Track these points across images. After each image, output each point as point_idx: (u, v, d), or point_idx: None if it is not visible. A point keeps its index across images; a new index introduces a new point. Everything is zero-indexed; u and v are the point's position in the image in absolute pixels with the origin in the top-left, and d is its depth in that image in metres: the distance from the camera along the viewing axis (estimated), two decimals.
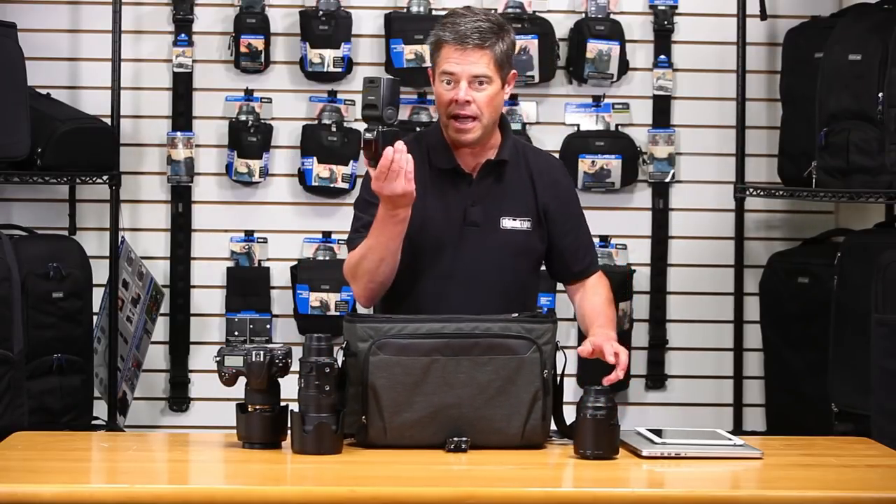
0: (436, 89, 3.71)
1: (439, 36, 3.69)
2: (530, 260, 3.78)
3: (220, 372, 3.35)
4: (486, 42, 3.66)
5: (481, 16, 3.71)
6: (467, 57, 3.65)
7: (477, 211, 3.72)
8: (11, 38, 4.94)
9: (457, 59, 3.65)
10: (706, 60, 5.51)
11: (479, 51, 3.66)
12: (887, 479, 3.20)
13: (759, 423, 5.42)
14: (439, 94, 3.70)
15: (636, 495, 3.06)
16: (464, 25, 3.67)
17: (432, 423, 3.31)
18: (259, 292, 5.41)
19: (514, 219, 3.75)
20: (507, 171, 3.76)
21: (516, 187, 3.77)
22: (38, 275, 4.78)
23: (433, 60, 3.72)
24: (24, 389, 4.53)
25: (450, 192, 3.73)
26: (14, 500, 2.92)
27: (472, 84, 3.66)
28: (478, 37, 3.65)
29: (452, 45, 3.66)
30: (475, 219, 3.71)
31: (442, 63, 3.68)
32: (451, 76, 3.66)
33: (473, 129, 3.68)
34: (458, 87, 3.66)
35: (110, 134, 5.20)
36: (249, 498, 2.99)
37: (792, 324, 5.13)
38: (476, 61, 3.66)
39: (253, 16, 5.38)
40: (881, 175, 4.69)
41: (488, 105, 3.68)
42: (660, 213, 5.53)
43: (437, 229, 3.69)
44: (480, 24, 3.68)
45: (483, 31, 3.67)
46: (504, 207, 3.74)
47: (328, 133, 5.36)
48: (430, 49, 3.75)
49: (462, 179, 3.74)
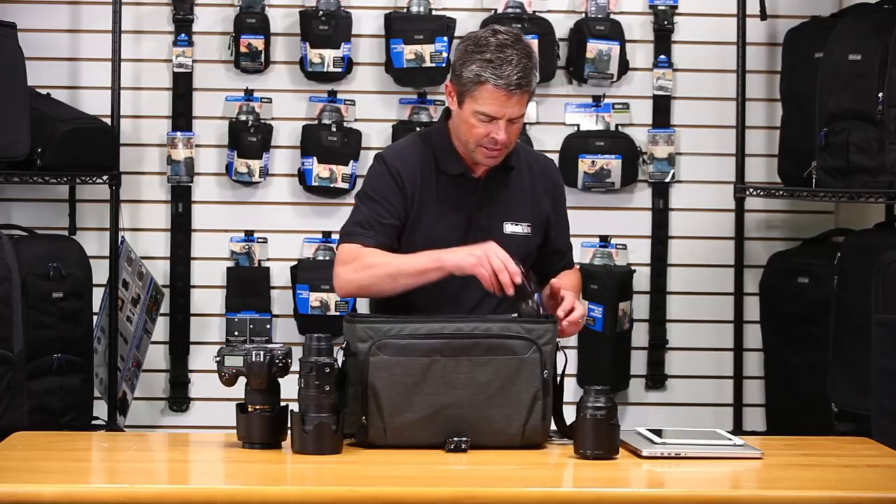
0: (465, 118, 3.61)
1: (483, 77, 3.56)
2: (528, 262, 3.78)
3: (220, 372, 3.35)
4: (529, 86, 3.60)
5: (520, 49, 3.58)
6: (511, 101, 3.58)
7: (483, 216, 3.71)
8: (11, 38, 4.94)
9: (500, 104, 3.57)
10: (706, 60, 5.51)
11: (523, 95, 3.59)
12: (887, 479, 3.20)
13: (759, 423, 5.42)
14: (471, 125, 3.61)
15: (636, 495, 3.06)
16: (509, 71, 3.55)
17: (432, 423, 3.31)
18: (259, 292, 5.41)
19: (516, 224, 3.74)
20: (513, 176, 3.76)
21: (519, 192, 3.76)
22: (38, 275, 4.78)
23: (467, 89, 3.58)
24: (24, 389, 4.52)
25: (456, 197, 3.71)
26: (14, 500, 2.92)
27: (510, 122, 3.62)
28: (525, 82, 3.57)
29: (499, 91, 3.56)
30: (481, 223, 3.70)
31: (482, 103, 3.57)
32: (491, 117, 3.60)
33: (500, 155, 3.66)
34: (495, 126, 3.58)
35: (110, 134, 5.21)
36: (249, 498, 2.99)
37: (792, 324, 5.13)
38: (517, 104, 3.59)
39: (253, 16, 5.37)
40: (881, 175, 4.69)
41: (516, 135, 3.67)
42: (660, 213, 5.53)
43: (443, 233, 3.67)
44: (524, 64, 3.56)
45: (527, 72, 3.57)
46: (508, 212, 3.74)
47: (328, 133, 5.35)
48: (464, 78, 3.59)
49: (469, 184, 3.73)
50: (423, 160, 3.69)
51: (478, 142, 3.63)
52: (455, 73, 3.65)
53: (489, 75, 3.56)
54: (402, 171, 3.69)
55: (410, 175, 3.68)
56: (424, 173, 3.67)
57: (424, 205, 3.67)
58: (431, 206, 3.68)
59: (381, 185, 3.69)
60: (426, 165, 3.66)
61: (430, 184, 3.68)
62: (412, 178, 3.67)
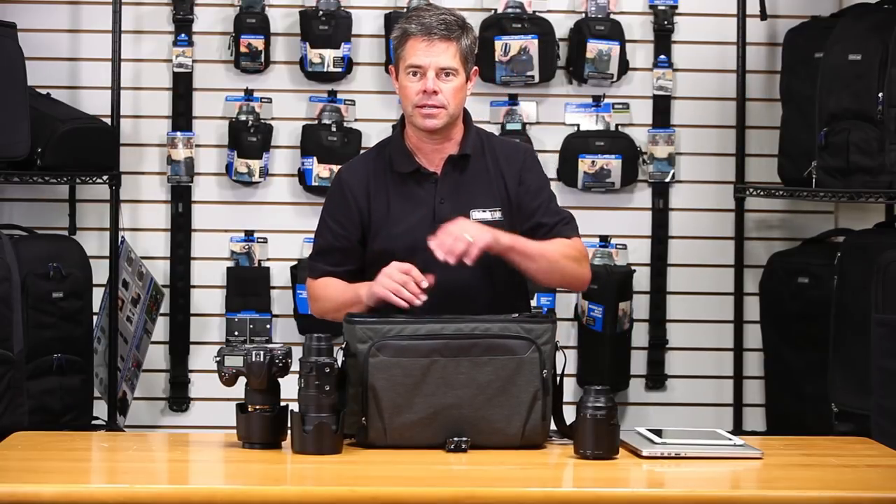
0: (401, 83, 3.72)
1: (405, 29, 3.71)
2: None
3: (220, 372, 3.35)
4: (452, 34, 3.70)
5: (445, 11, 3.75)
6: (434, 48, 3.68)
7: (446, 207, 3.72)
8: (11, 38, 4.94)
9: (424, 50, 3.68)
10: (706, 60, 5.51)
11: (445, 42, 3.69)
12: (887, 479, 3.20)
13: (759, 423, 5.42)
14: (405, 87, 3.71)
15: (636, 495, 3.06)
16: (429, 18, 3.70)
17: (432, 423, 3.31)
18: (259, 292, 5.41)
19: (483, 210, 3.74)
20: (472, 164, 3.77)
21: (483, 179, 3.77)
22: (38, 275, 4.78)
23: (398, 55, 3.74)
24: (24, 389, 4.53)
25: (416, 194, 3.73)
26: (14, 500, 2.92)
27: (439, 76, 3.68)
28: (444, 28, 3.69)
29: (419, 37, 3.68)
30: (445, 215, 3.69)
31: (408, 56, 3.69)
32: (419, 68, 3.68)
33: (440, 114, 3.70)
34: (425, 78, 3.68)
35: (110, 134, 5.21)
36: (249, 498, 2.99)
37: (792, 324, 5.13)
38: (443, 52, 3.68)
39: (253, 16, 5.38)
40: (881, 175, 4.69)
41: (455, 96, 3.70)
42: (660, 213, 5.53)
43: (408, 231, 3.69)
44: (445, 17, 3.71)
45: (449, 23, 3.70)
46: (473, 200, 3.74)
47: (328, 133, 5.35)
48: (393, 43, 3.76)
49: (426, 179, 3.75)
50: (374, 166, 3.76)
51: (413, 101, 3.69)
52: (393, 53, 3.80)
53: (408, 26, 3.71)
54: (352, 182, 3.77)
55: (361, 184, 3.75)
56: (377, 178, 3.73)
57: (381, 209, 3.71)
58: (390, 208, 3.72)
59: (333, 202, 3.81)
60: (378, 170, 3.73)
61: (384, 187, 3.74)
62: (363, 187, 3.74)
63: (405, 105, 3.73)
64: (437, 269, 3.64)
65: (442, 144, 3.75)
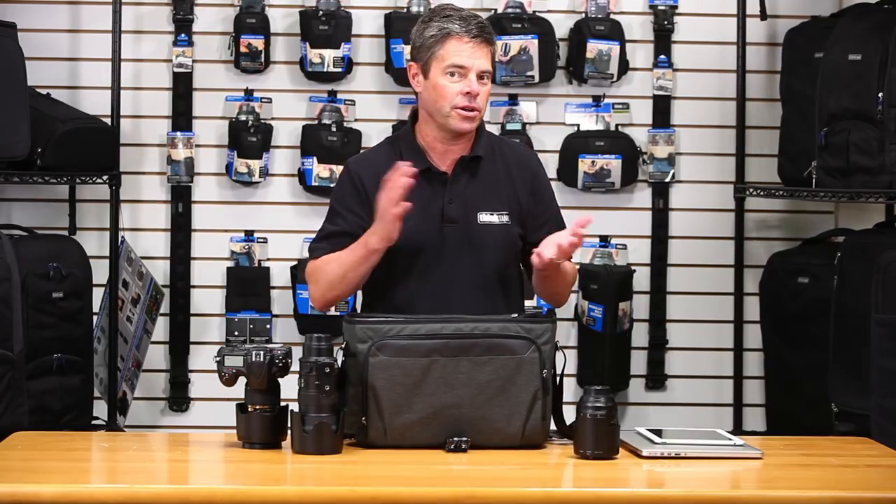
0: (436, 81, 3.68)
1: (445, 27, 3.67)
2: (511, 253, 3.77)
3: (220, 372, 3.35)
4: (491, 37, 3.71)
5: (471, 12, 3.74)
6: (479, 50, 3.67)
7: (454, 208, 3.72)
8: (11, 38, 4.94)
9: (469, 52, 3.66)
10: (706, 60, 5.51)
11: (486, 46, 3.69)
12: (887, 479, 3.20)
13: (759, 423, 5.42)
14: (443, 86, 3.67)
15: (636, 495, 3.06)
16: (469, 21, 3.68)
17: (432, 423, 3.31)
18: (259, 292, 5.41)
19: (491, 213, 3.74)
20: (483, 166, 3.77)
21: (492, 182, 3.77)
22: (38, 275, 4.78)
23: (432, 52, 3.69)
24: (24, 389, 4.53)
25: (426, 193, 3.72)
26: (14, 500, 2.92)
27: (479, 78, 3.68)
28: (486, 31, 3.69)
29: (464, 38, 3.66)
30: (453, 216, 3.71)
31: (450, 55, 3.66)
32: (462, 69, 3.67)
33: (476, 117, 3.71)
34: (467, 79, 3.66)
35: (110, 134, 5.21)
36: (249, 498, 2.99)
37: (792, 324, 5.13)
38: (485, 56, 3.69)
39: (253, 16, 5.38)
40: (881, 175, 4.69)
41: (486, 100, 3.72)
42: (660, 213, 5.53)
43: (416, 229, 3.68)
44: (479, 19, 3.71)
45: (486, 26, 3.71)
46: (481, 203, 3.74)
47: (328, 133, 5.35)
48: (427, 41, 3.70)
49: (437, 179, 3.75)
50: (387, 161, 3.71)
51: (452, 103, 3.67)
52: (415, 48, 3.75)
53: (451, 26, 3.68)
54: (364, 175, 3.75)
55: (373, 178, 3.71)
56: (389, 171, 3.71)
57: None
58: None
59: (343, 193, 3.79)
60: (391, 164, 3.67)
61: None
62: (375, 181, 3.69)
63: (440, 104, 3.69)
64: (438, 268, 3.65)
65: (455, 145, 3.75)
